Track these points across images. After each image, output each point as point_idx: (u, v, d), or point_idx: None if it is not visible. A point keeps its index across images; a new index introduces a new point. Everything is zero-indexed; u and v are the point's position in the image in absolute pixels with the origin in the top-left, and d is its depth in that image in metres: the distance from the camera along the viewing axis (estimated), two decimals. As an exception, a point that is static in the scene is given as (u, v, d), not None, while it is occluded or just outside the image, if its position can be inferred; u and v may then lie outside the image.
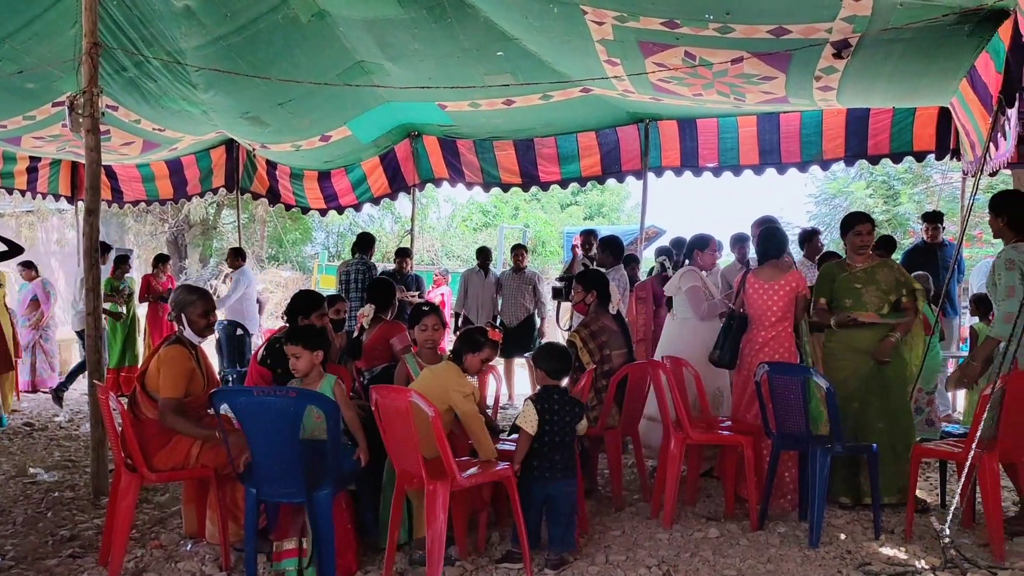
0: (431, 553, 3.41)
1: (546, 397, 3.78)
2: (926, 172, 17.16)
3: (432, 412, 3.41)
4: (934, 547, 3.90)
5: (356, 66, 6.69)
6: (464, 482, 3.53)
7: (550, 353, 3.97)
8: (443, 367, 3.99)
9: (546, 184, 9.25)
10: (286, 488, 3.40)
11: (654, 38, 5.61)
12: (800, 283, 4.84)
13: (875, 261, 4.80)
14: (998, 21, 4.75)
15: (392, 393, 3.62)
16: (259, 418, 3.37)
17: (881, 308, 4.64)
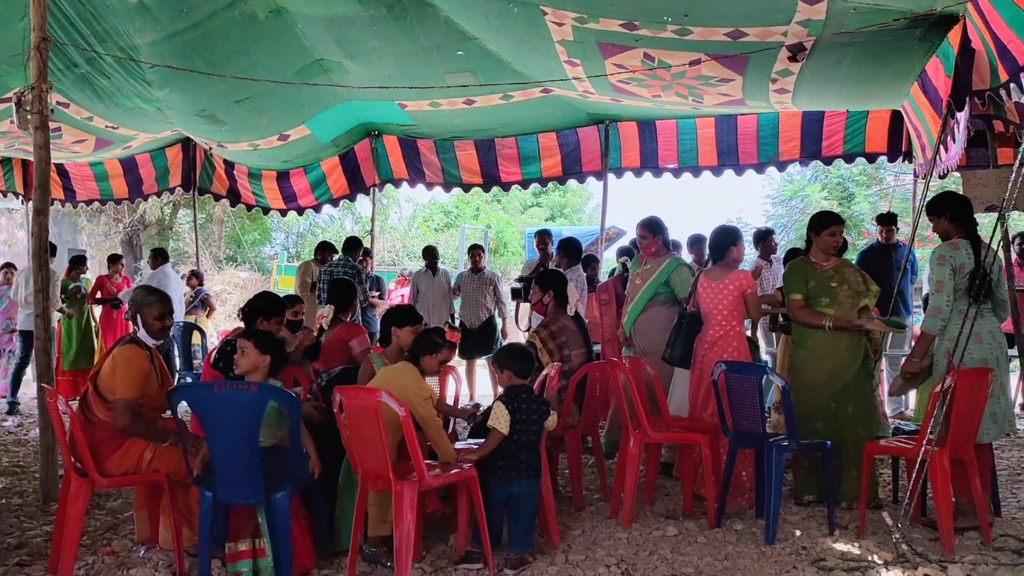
0: (399, 553, 3.39)
1: (515, 397, 3.77)
2: (880, 174, 17.52)
3: (403, 411, 3.39)
4: (887, 542, 3.97)
5: (315, 64, 6.62)
6: (432, 482, 3.52)
7: (514, 353, 3.97)
8: (400, 368, 3.95)
9: (507, 184, 9.27)
10: (244, 489, 3.35)
11: (613, 39, 5.64)
12: (745, 282, 4.87)
13: (838, 261, 4.83)
14: (948, 26, 4.86)
15: (360, 393, 3.59)
16: (220, 414, 3.31)
17: (854, 308, 4.68)
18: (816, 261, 4.78)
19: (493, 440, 3.70)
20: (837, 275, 4.73)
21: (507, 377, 3.88)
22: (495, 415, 3.71)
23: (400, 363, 4.01)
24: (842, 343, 4.62)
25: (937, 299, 4.21)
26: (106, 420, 3.70)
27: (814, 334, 4.66)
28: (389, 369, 4.00)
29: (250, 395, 3.36)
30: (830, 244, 4.76)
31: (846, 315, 4.61)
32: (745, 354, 4.85)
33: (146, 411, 3.77)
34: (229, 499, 3.39)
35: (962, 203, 4.44)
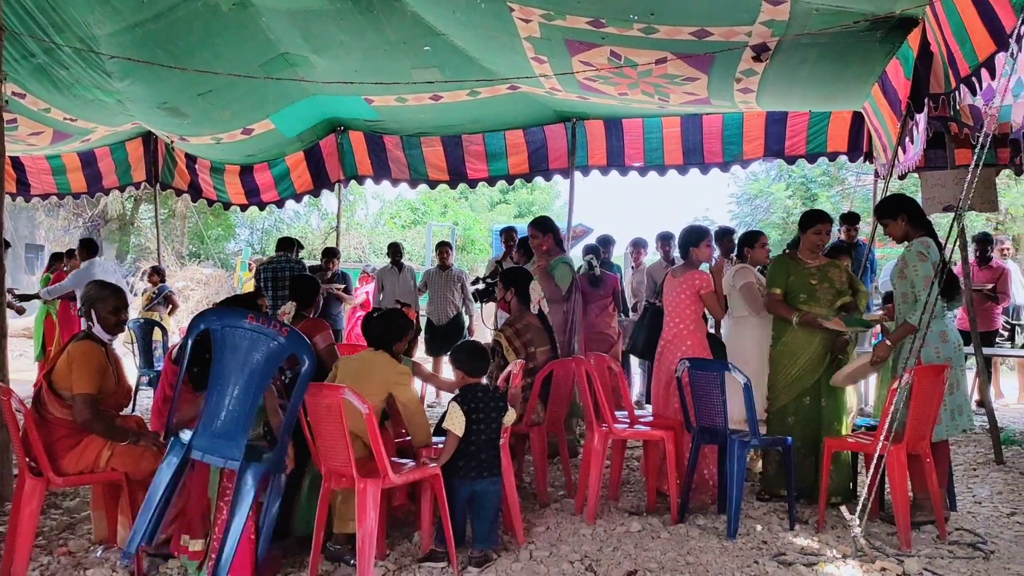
0: (362, 552, 3.37)
1: (470, 396, 3.76)
2: (842, 174, 17.77)
3: (366, 409, 3.36)
4: (845, 536, 4.03)
5: (280, 57, 6.54)
6: (395, 480, 3.50)
7: (468, 351, 3.93)
8: (374, 356, 3.91)
9: (474, 181, 9.24)
10: (228, 445, 3.24)
11: (580, 37, 5.65)
12: (699, 282, 4.86)
13: (824, 260, 4.88)
14: (908, 29, 4.94)
15: (323, 391, 3.56)
16: (237, 351, 3.24)
17: (832, 305, 4.74)
18: (802, 258, 4.86)
19: (451, 442, 3.68)
20: (820, 273, 4.79)
21: (461, 376, 3.87)
22: (450, 416, 3.68)
23: (370, 352, 3.96)
24: (815, 339, 4.68)
25: (924, 294, 4.20)
26: (62, 417, 3.62)
27: (789, 330, 4.74)
28: (360, 359, 3.95)
29: (279, 340, 3.27)
30: (815, 242, 4.83)
31: (820, 313, 4.66)
32: (700, 353, 4.86)
33: (104, 409, 3.70)
34: (208, 451, 3.27)
35: (916, 204, 4.53)
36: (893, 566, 3.62)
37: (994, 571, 3.62)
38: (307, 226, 25.73)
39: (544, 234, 5.63)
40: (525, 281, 5.00)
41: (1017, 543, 4.00)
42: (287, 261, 8.07)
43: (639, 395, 7.94)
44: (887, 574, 3.57)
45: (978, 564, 3.71)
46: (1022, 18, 3.26)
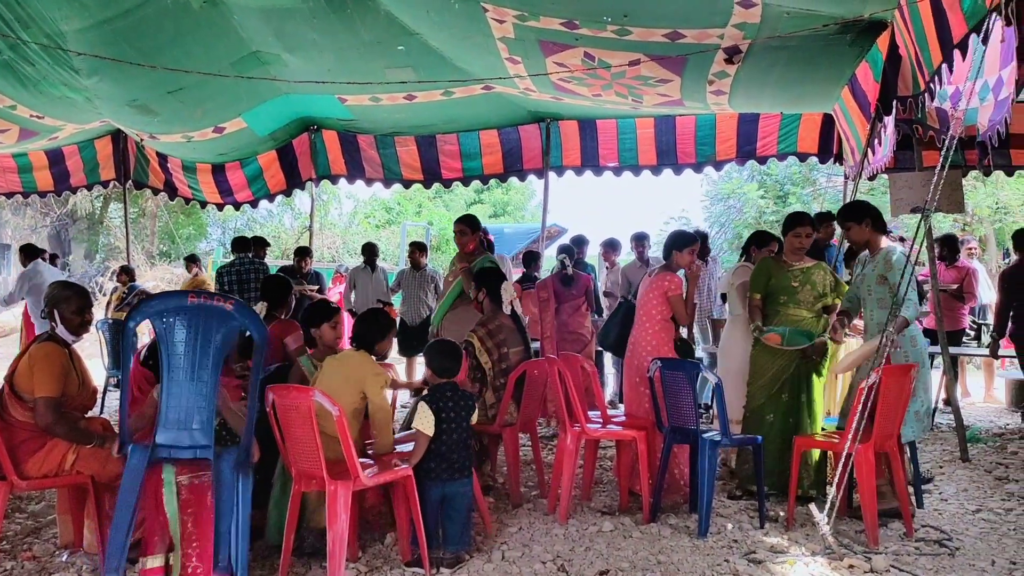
0: (332, 555, 3.35)
1: (440, 396, 3.75)
2: (813, 175, 17.96)
3: (336, 411, 3.34)
4: (815, 534, 4.07)
5: (251, 56, 6.48)
6: (366, 482, 3.48)
7: (440, 351, 3.92)
8: (354, 356, 3.91)
9: (448, 181, 9.23)
10: (193, 435, 3.19)
11: (554, 38, 5.66)
12: (669, 283, 4.85)
13: (810, 262, 4.90)
14: (877, 32, 5.00)
15: (293, 393, 3.53)
16: (189, 333, 3.16)
17: (814, 307, 4.78)
18: (786, 260, 4.90)
19: (422, 443, 3.66)
20: (803, 275, 4.83)
21: (430, 375, 3.86)
22: (419, 417, 3.66)
23: (352, 351, 3.96)
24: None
25: (915, 295, 4.32)
26: (25, 420, 3.56)
27: (770, 328, 4.82)
28: (342, 357, 3.94)
29: (225, 310, 3.20)
30: (795, 245, 4.87)
31: (802, 315, 4.76)
32: (664, 355, 4.83)
33: (68, 411, 3.64)
34: (172, 447, 3.19)
35: (878, 211, 4.62)
36: (861, 563, 3.66)
37: (959, 567, 3.68)
38: (280, 225, 25.53)
39: (473, 232, 5.60)
40: (497, 282, 5.00)
41: (982, 540, 4.06)
42: (251, 262, 7.95)
43: (612, 394, 7.97)
44: (855, 571, 3.61)
45: (944, 560, 3.76)
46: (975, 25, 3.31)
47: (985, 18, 3.27)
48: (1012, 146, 7.78)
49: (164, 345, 3.20)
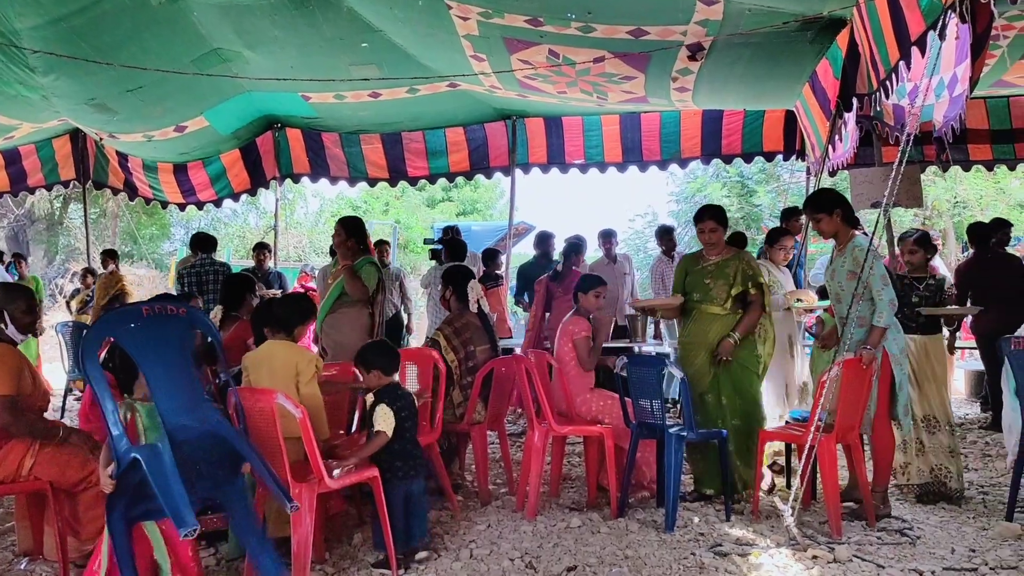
0: (297, 558, 3.31)
1: (396, 395, 3.72)
2: (777, 171, 18.18)
3: (300, 413, 3.31)
4: (779, 526, 4.13)
5: (212, 53, 6.39)
6: (331, 484, 3.45)
7: (379, 351, 3.84)
8: (279, 346, 3.84)
9: (414, 179, 9.20)
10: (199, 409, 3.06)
11: (519, 35, 5.66)
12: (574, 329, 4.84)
13: (729, 254, 4.83)
14: (837, 30, 5.07)
15: (256, 395, 3.49)
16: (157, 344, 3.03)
17: (726, 302, 4.73)
18: (704, 254, 4.89)
19: (380, 441, 3.62)
20: (717, 270, 4.78)
21: (376, 377, 3.76)
22: (381, 417, 3.63)
23: (273, 342, 3.89)
24: (708, 337, 4.71)
25: (889, 292, 4.20)
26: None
27: (686, 328, 4.87)
28: (267, 351, 3.86)
29: (179, 315, 3.13)
30: (701, 240, 4.88)
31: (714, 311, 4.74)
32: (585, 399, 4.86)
33: (25, 410, 3.57)
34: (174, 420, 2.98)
35: (848, 201, 4.64)
36: (824, 553, 3.71)
37: (920, 556, 3.75)
38: (245, 225, 25.24)
39: (347, 235, 5.56)
40: (464, 280, 4.99)
41: (942, 528, 4.14)
42: (211, 263, 7.80)
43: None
44: (819, 561, 3.66)
45: (905, 549, 3.83)
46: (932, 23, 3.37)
47: (941, 15, 3.33)
48: (969, 141, 7.96)
49: (141, 361, 3.04)
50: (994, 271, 6.61)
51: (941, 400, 4.72)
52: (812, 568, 3.59)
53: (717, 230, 4.78)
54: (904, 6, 3.64)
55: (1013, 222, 8.12)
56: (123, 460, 2.85)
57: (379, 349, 3.89)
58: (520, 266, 8.42)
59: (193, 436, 2.99)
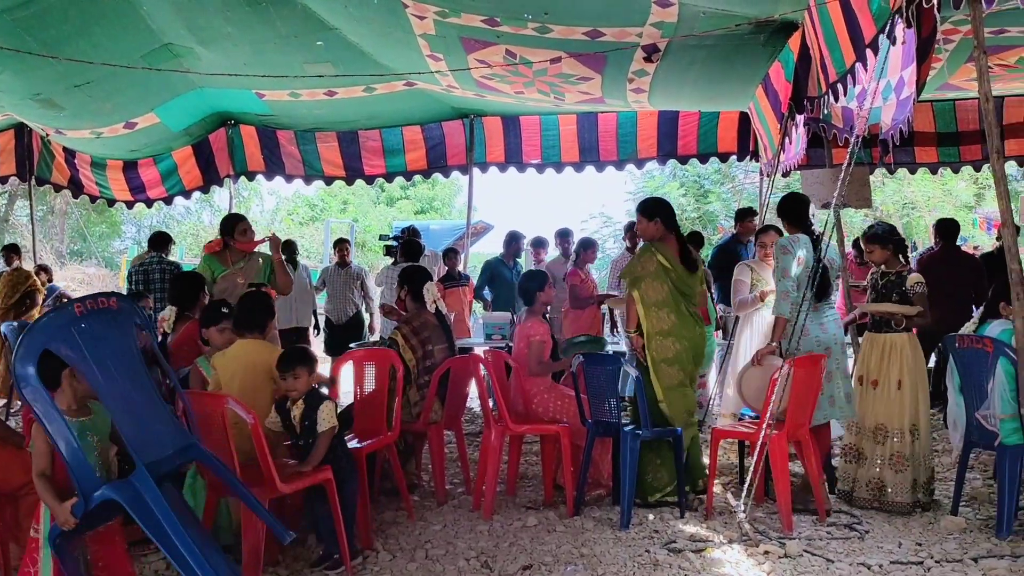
0: (247, 563, 3.27)
1: (323, 395, 3.70)
2: (732, 172, 18.43)
3: (251, 419, 3.26)
4: (733, 522, 4.19)
5: (163, 48, 6.27)
6: (283, 488, 3.41)
7: (303, 354, 3.74)
8: (252, 344, 3.83)
9: (371, 178, 9.14)
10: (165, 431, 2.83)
11: (475, 35, 5.65)
12: (531, 331, 4.84)
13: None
14: (788, 33, 5.16)
15: (206, 399, 3.43)
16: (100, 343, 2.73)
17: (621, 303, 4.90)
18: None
19: (331, 435, 3.58)
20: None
21: (308, 379, 3.65)
22: (328, 415, 3.57)
23: (245, 342, 3.85)
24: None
25: (784, 284, 4.48)
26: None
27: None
28: (241, 350, 3.82)
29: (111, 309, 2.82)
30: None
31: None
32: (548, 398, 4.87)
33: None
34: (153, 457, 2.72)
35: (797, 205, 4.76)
36: (775, 548, 3.77)
37: (868, 550, 3.83)
38: (199, 223, 24.86)
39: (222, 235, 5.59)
40: (420, 281, 4.96)
41: (889, 523, 4.23)
42: (159, 262, 7.62)
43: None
44: (770, 556, 3.72)
45: (854, 543, 3.91)
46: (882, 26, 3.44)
47: (889, 19, 3.40)
48: (916, 144, 8.15)
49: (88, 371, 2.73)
50: (954, 268, 6.81)
51: (902, 405, 4.42)
52: (764, 563, 3.65)
53: (642, 222, 4.73)
54: (856, 9, 3.71)
55: (959, 223, 8.32)
56: (92, 499, 2.58)
57: (300, 353, 3.75)
58: (486, 263, 8.41)
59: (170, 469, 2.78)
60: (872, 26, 3.60)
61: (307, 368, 3.62)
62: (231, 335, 3.92)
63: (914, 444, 4.42)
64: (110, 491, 2.59)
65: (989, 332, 4.17)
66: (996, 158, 3.70)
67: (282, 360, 3.64)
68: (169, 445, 2.79)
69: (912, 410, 4.42)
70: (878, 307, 4.50)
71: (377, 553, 3.81)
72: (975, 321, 4.49)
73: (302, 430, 3.60)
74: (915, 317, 4.40)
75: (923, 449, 4.46)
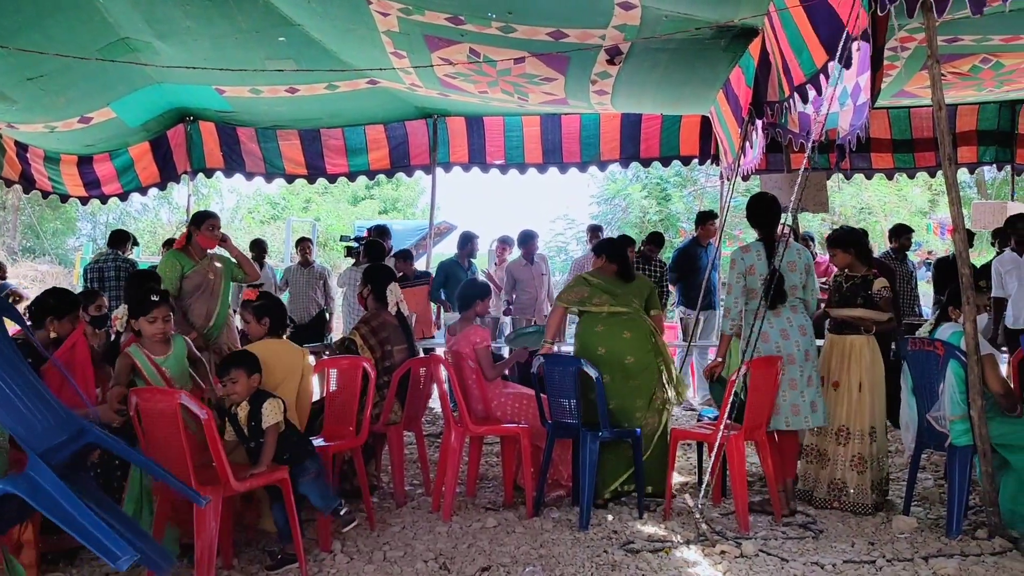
0: (200, 563, 3.22)
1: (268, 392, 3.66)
2: (694, 175, 18.60)
3: (205, 415, 3.21)
4: (690, 522, 4.22)
5: (120, 42, 6.14)
6: (238, 487, 3.36)
7: (239, 358, 3.73)
8: (283, 344, 4.09)
9: (333, 176, 9.07)
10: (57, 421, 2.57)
11: (439, 33, 5.63)
12: (475, 337, 4.80)
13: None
14: (749, 39, 5.22)
15: (157, 396, 3.37)
16: None
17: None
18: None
19: (274, 435, 3.53)
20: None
21: (247, 382, 3.61)
22: (272, 411, 3.52)
23: (275, 341, 4.06)
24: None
25: (727, 300, 4.49)
26: None
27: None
28: (268, 345, 3.97)
29: None
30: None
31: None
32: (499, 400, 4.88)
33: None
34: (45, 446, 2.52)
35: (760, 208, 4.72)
36: (732, 548, 3.80)
37: (822, 549, 3.88)
38: (156, 220, 24.43)
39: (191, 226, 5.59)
40: (384, 279, 4.93)
41: (843, 522, 4.29)
42: (114, 259, 7.46)
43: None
44: (726, 556, 3.75)
45: (808, 543, 3.96)
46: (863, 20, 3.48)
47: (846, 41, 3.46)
48: (872, 150, 8.30)
49: None
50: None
51: (862, 407, 4.46)
52: (720, 563, 3.68)
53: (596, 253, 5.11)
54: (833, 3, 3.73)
55: (914, 228, 8.49)
56: None
57: (247, 355, 3.73)
58: (440, 264, 8.40)
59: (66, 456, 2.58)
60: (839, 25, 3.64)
61: (244, 371, 3.58)
62: (163, 325, 3.79)
63: (872, 445, 4.48)
64: (6, 485, 2.46)
65: (939, 335, 4.24)
66: (948, 165, 3.79)
67: (219, 366, 3.71)
68: (62, 432, 2.60)
69: (871, 412, 4.49)
70: (850, 312, 4.53)
71: (335, 555, 3.77)
72: (931, 322, 4.54)
73: (250, 432, 3.55)
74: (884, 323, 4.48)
75: (880, 450, 4.53)
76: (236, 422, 3.58)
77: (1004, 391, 4.02)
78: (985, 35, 5.33)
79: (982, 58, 5.94)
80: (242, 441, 3.60)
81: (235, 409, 3.57)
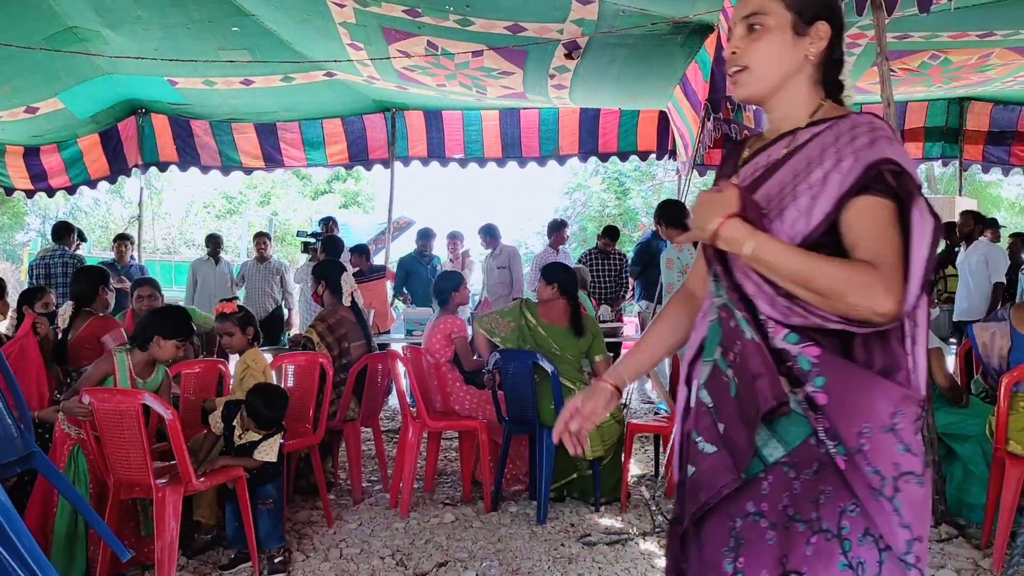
0: (160, 564, 3.16)
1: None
2: (652, 170, 18.76)
3: (170, 415, 3.15)
4: (647, 514, 4.25)
5: (67, 32, 5.99)
6: (198, 486, 3.31)
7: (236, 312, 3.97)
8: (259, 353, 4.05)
9: (291, 169, 8.94)
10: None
11: (397, 25, 5.59)
12: (451, 327, 4.83)
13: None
14: (705, 35, 5.27)
15: (118, 396, 3.28)
16: None
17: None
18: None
19: (256, 465, 3.51)
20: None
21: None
22: (270, 449, 3.51)
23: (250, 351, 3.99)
24: None
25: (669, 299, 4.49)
26: None
27: None
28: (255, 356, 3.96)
29: None
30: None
31: None
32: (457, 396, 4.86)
33: None
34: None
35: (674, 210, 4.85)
36: (688, 540, 3.84)
37: (776, 538, 3.93)
38: (108, 215, 23.92)
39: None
40: (337, 274, 4.87)
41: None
42: (61, 255, 7.25)
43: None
44: (683, 548, 3.78)
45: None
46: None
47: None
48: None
49: None
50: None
51: None
52: (676, 554, 3.71)
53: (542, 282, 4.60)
54: None
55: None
56: None
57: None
58: (400, 260, 8.33)
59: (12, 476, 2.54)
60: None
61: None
62: (177, 353, 3.66)
63: None
64: None
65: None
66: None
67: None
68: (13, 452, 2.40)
69: None
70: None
71: (290, 553, 3.73)
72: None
73: (239, 449, 3.51)
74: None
75: None
76: (233, 434, 3.52)
77: (950, 385, 4.11)
78: (934, 32, 5.44)
79: (931, 54, 6.07)
80: (227, 448, 3.55)
81: (244, 438, 3.51)
